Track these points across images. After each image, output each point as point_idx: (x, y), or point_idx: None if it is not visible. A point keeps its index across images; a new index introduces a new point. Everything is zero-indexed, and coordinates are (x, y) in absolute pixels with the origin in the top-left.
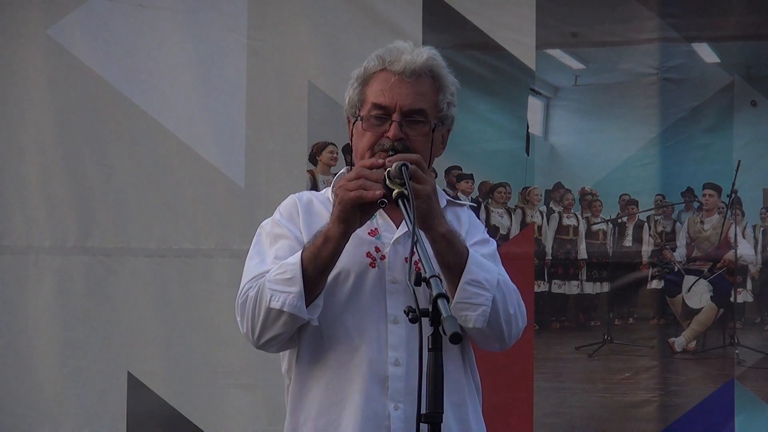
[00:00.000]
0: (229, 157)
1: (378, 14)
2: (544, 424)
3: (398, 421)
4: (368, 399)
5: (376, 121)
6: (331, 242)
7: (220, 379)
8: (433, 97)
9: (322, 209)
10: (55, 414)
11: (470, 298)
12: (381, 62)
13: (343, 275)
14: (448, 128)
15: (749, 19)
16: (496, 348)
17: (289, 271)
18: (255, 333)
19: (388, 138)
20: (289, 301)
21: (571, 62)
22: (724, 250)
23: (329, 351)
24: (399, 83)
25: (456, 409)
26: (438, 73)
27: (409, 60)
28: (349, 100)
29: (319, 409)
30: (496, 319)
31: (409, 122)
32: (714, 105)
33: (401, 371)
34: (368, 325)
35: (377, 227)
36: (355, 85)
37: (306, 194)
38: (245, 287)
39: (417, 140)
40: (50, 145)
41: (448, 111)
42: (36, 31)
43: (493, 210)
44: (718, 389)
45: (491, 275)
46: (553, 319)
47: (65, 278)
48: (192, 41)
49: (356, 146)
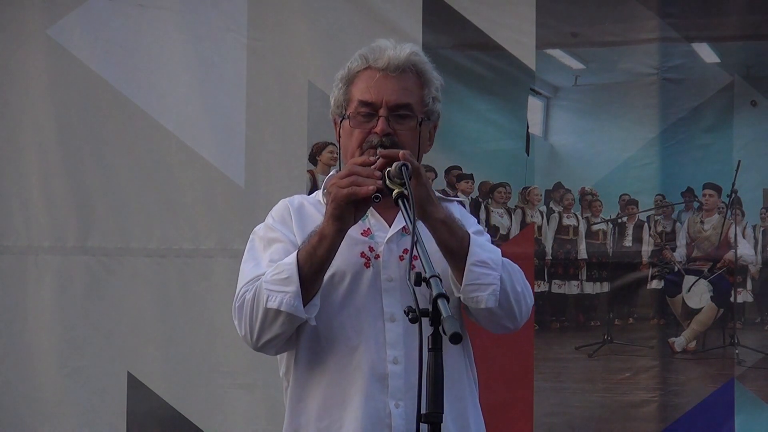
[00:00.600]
0: (229, 157)
1: (378, 14)
2: (544, 424)
3: (399, 419)
4: (369, 398)
5: (363, 118)
6: (327, 240)
7: (220, 379)
8: (419, 92)
9: (314, 212)
10: (55, 414)
11: (479, 279)
12: (365, 61)
13: (338, 276)
14: (435, 124)
15: (749, 19)
16: (509, 328)
17: (285, 270)
18: (253, 335)
19: (376, 134)
20: (286, 300)
21: (571, 62)
22: (724, 250)
23: (328, 352)
24: (384, 79)
25: (456, 403)
26: (422, 68)
27: (393, 56)
28: (335, 101)
29: (320, 410)
30: (506, 298)
31: (395, 117)
32: (714, 105)
33: (400, 369)
34: (365, 324)
35: (370, 227)
36: (339, 85)
37: (297, 198)
38: (241, 290)
39: (404, 135)
40: (50, 145)
41: (433, 106)
42: (36, 31)
43: (493, 210)
44: (718, 389)
45: (495, 255)
46: (553, 319)
47: (65, 278)
48: (192, 41)
49: (345, 146)
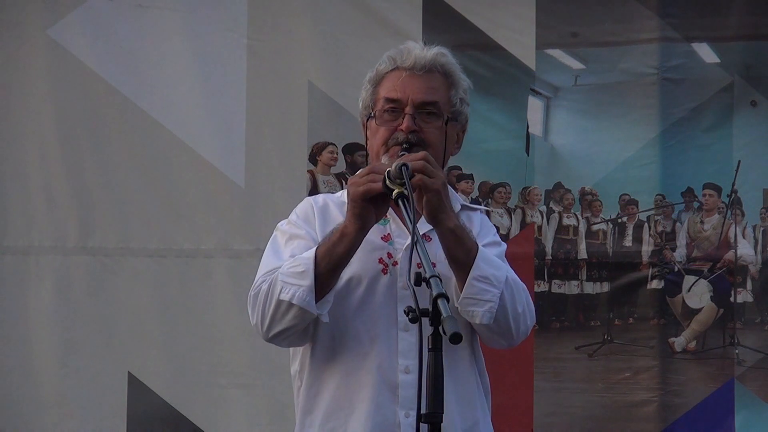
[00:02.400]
0: (229, 157)
1: (378, 14)
2: (544, 424)
3: (409, 428)
4: (378, 406)
5: (389, 115)
6: (347, 238)
7: (220, 379)
8: (445, 92)
9: (337, 213)
10: (55, 413)
11: (478, 294)
12: (392, 62)
13: (355, 281)
14: (463, 127)
15: (749, 19)
16: (503, 345)
17: (302, 264)
18: (264, 325)
19: (402, 131)
20: (299, 294)
21: (571, 62)
22: (724, 250)
23: (340, 356)
24: (410, 78)
25: (467, 411)
26: (449, 69)
27: (419, 55)
28: (362, 102)
29: (327, 413)
30: (504, 316)
31: (422, 115)
32: (714, 105)
33: (412, 378)
34: (379, 331)
35: (390, 232)
36: (368, 87)
37: (321, 197)
38: (259, 280)
39: (431, 133)
40: (51, 145)
41: (461, 107)
42: (36, 31)
43: (493, 210)
44: (718, 389)
45: (500, 272)
46: (553, 319)
47: (66, 278)
48: (192, 41)
49: (371, 144)
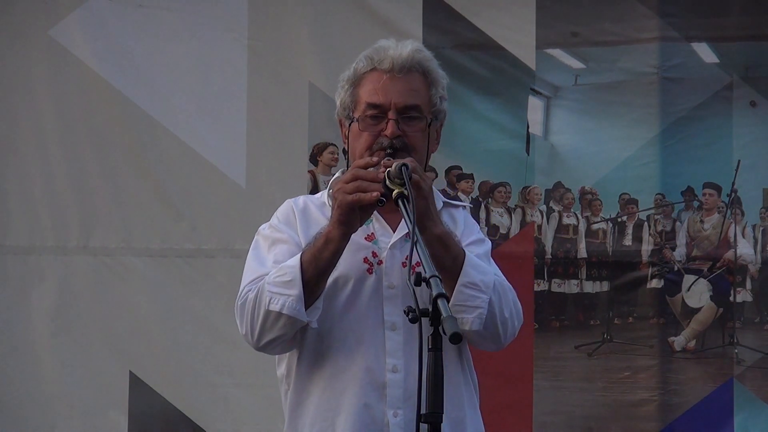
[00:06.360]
0: (229, 158)
1: (378, 14)
2: (544, 423)
3: (397, 428)
4: (366, 407)
5: (372, 120)
6: (332, 244)
7: (221, 378)
8: (426, 93)
9: (318, 214)
10: (56, 413)
11: (467, 301)
12: (370, 62)
13: (341, 281)
14: (441, 123)
15: (749, 19)
16: (491, 348)
17: (288, 273)
18: (254, 335)
19: (386, 136)
20: (288, 303)
21: (571, 62)
22: (724, 250)
23: (327, 358)
24: (391, 80)
25: (454, 409)
26: (427, 67)
27: (395, 55)
28: (340, 102)
29: (315, 415)
30: (492, 321)
31: (404, 119)
32: (713, 105)
33: (399, 377)
34: (366, 332)
35: (374, 232)
36: (345, 87)
37: (301, 199)
38: (244, 289)
39: (415, 137)
40: (52, 146)
41: (440, 105)
42: (37, 32)
43: (493, 209)
44: (717, 388)
45: (487, 277)
46: (552, 318)
47: (67, 278)
48: (192, 41)
49: (353, 148)
